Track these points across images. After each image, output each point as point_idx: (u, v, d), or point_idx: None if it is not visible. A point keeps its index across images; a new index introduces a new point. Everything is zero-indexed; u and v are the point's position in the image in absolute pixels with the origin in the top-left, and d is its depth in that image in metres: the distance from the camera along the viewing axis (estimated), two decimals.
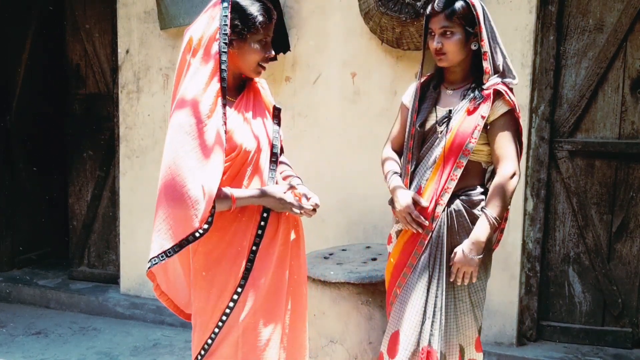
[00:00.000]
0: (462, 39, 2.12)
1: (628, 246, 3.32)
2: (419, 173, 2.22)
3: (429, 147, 2.21)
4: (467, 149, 2.10)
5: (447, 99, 2.22)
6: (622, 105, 3.25)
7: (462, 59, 2.16)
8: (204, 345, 1.97)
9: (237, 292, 1.93)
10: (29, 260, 4.95)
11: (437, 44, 2.13)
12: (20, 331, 3.92)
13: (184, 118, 1.82)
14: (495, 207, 2.10)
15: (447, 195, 2.13)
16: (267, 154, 2.00)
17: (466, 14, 2.10)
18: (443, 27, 2.11)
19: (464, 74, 2.21)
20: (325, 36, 3.61)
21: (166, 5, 3.74)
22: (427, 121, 2.21)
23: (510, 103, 2.11)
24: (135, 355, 3.58)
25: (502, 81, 2.14)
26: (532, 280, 3.40)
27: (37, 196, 4.98)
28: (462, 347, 2.21)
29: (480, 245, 2.10)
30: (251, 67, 1.95)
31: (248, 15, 1.89)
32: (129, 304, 4.16)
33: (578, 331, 3.40)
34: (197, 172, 1.80)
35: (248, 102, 1.99)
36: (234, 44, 1.90)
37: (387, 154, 2.38)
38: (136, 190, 4.16)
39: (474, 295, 2.21)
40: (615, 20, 3.19)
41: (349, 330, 2.75)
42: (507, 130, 2.13)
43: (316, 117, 3.66)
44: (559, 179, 3.37)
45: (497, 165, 2.14)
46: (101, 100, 4.41)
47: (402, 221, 2.22)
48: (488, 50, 2.12)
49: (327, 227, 3.66)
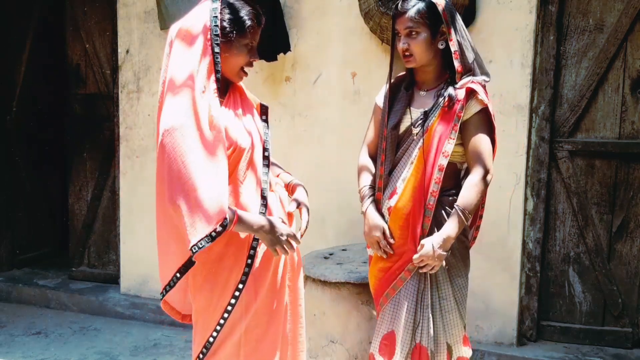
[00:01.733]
0: (429, 39, 2.11)
1: (628, 246, 3.32)
2: (395, 175, 2.21)
3: (405, 149, 2.20)
4: (445, 150, 2.09)
5: (421, 100, 2.21)
6: (622, 105, 3.25)
7: (430, 59, 2.15)
8: (205, 344, 1.97)
9: (239, 289, 1.93)
10: (29, 260, 4.95)
11: (403, 44, 2.12)
12: (21, 331, 3.92)
13: (185, 119, 1.77)
14: (466, 204, 2.09)
15: (434, 199, 2.11)
16: (259, 151, 1.99)
17: (431, 13, 2.09)
18: (408, 27, 2.10)
19: (436, 74, 2.20)
20: (325, 36, 3.61)
21: (166, 5, 3.74)
22: (401, 123, 2.20)
23: (483, 102, 2.10)
24: (135, 355, 3.58)
25: (474, 80, 2.12)
26: (532, 280, 3.40)
27: (37, 196, 4.98)
28: (449, 345, 2.21)
29: (450, 240, 2.09)
30: (234, 70, 1.92)
31: (238, 19, 1.86)
32: (129, 304, 4.16)
33: (578, 331, 3.40)
34: (209, 177, 1.76)
35: (236, 100, 1.98)
36: (220, 46, 1.86)
37: (363, 161, 2.36)
38: (136, 190, 4.16)
39: (458, 293, 2.22)
40: (615, 20, 3.19)
41: (349, 330, 2.75)
42: (481, 129, 2.13)
43: (316, 117, 3.66)
44: (559, 179, 3.37)
45: (471, 164, 2.14)
46: (101, 100, 4.41)
47: (370, 245, 2.25)
48: (458, 49, 2.11)
49: (327, 227, 3.66)
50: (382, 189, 2.24)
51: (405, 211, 2.15)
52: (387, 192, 2.22)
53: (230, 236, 1.90)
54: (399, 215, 2.17)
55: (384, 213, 2.23)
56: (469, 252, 2.30)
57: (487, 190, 2.18)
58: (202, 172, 1.74)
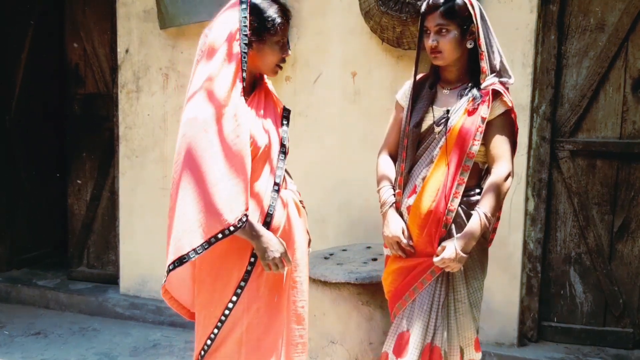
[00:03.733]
0: (458, 37, 2.11)
1: (629, 246, 3.31)
2: (415, 173, 2.20)
3: (426, 147, 2.19)
4: (471, 151, 2.08)
5: (444, 98, 2.21)
6: (624, 105, 3.24)
7: (457, 58, 2.15)
8: (206, 340, 1.99)
9: (241, 286, 1.95)
10: (29, 260, 4.94)
11: (433, 41, 2.12)
12: (20, 331, 3.91)
13: (210, 118, 1.83)
14: (488, 207, 2.09)
15: (457, 200, 2.10)
16: (276, 150, 2.04)
17: (462, 12, 2.09)
18: (439, 24, 2.10)
19: (460, 73, 2.20)
20: (325, 36, 3.60)
21: (166, 4, 3.73)
22: (423, 121, 2.19)
23: (507, 103, 2.10)
24: (134, 355, 3.57)
25: (499, 81, 2.12)
26: (533, 280, 3.39)
27: (36, 196, 4.97)
28: (461, 348, 2.20)
29: (472, 243, 2.08)
30: (270, 67, 2.00)
31: (267, 17, 1.92)
32: (129, 304, 4.15)
33: (579, 332, 3.39)
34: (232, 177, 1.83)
35: (260, 101, 2.03)
36: (252, 45, 1.93)
37: (382, 160, 2.35)
38: (136, 190, 4.15)
39: (472, 296, 2.21)
40: (616, 19, 3.18)
41: (349, 331, 2.74)
42: (504, 130, 2.13)
43: (316, 117, 3.65)
44: (560, 179, 3.36)
45: (493, 165, 2.13)
46: (101, 100, 4.40)
47: (388, 246, 2.24)
48: (485, 50, 2.11)
49: (327, 227, 3.65)
50: (402, 186, 2.23)
51: (424, 210, 2.13)
52: (407, 190, 2.21)
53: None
54: (417, 214, 2.15)
55: (403, 211, 2.22)
56: (487, 255, 2.28)
57: (508, 191, 2.16)
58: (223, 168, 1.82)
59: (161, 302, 4.09)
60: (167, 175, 4.06)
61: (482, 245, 2.22)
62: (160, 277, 4.25)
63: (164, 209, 4.10)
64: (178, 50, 3.94)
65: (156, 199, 4.08)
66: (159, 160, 4.08)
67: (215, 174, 1.81)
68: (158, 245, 4.11)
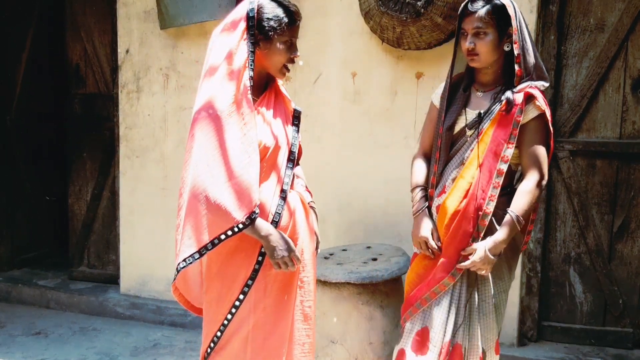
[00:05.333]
0: (496, 40, 2.09)
1: (629, 246, 3.31)
2: (446, 174, 2.21)
3: (458, 149, 2.19)
4: (505, 155, 2.07)
5: (477, 101, 2.19)
6: (623, 105, 3.24)
7: (494, 60, 2.13)
8: (213, 337, 2.00)
9: (248, 285, 1.96)
10: (29, 260, 4.94)
11: (470, 44, 2.10)
12: (20, 331, 3.91)
13: (216, 120, 1.84)
14: (521, 209, 2.08)
15: (493, 203, 2.08)
16: (285, 153, 2.04)
17: (500, 14, 2.07)
18: (476, 27, 2.08)
19: (496, 76, 2.18)
20: (325, 36, 3.60)
21: (166, 4, 3.73)
22: (456, 123, 2.19)
23: (540, 108, 2.08)
24: (135, 355, 3.57)
25: (534, 84, 2.10)
26: (533, 280, 3.39)
27: (37, 196, 4.97)
28: (484, 349, 2.19)
29: (501, 246, 2.08)
30: (277, 67, 2.00)
31: (274, 17, 1.93)
32: (129, 304, 4.16)
33: (579, 331, 3.39)
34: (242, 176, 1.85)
35: (269, 102, 2.04)
36: (260, 44, 1.94)
37: (417, 160, 2.35)
38: (136, 190, 4.16)
39: (497, 297, 2.19)
40: (616, 19, 3.19)
41: (349, 331, 2.75)
42: (537, 134, 2.11)
43: (316, 117, 3.66)
44: (559, 179, 3.36)
45: (526, 169, 2.13)
46: (101, 100, 4.40)
47: (415, 245, 2.24)
48: (521, 52, 2.08)
49: (327, 227, 3.65)
50: (434, 185, 2.23)
51: (451, 210, 2.13)
52: (438, 190, 2.22)
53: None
54: (445, 214, 2.15)
55: (433, 211, 2.23)
56: (518, 258, 2.27)
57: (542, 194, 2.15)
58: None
59: (161, 302, 4.09)
60: (167, 175, 4.06)
61: (512, 247, 2.21)
62: (160, 277, 4.28)
63: (165, 208, 4.14)
64: (178, 51, 3.94)
65: (156, 199, 4.09)
66: (159, 160, 4.08)
67: (224, 173, 1.83)
68: (158, 245, 4.12)
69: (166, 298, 4.11)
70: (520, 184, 2.14)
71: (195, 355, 3.55)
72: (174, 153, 4.03)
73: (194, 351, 3.61)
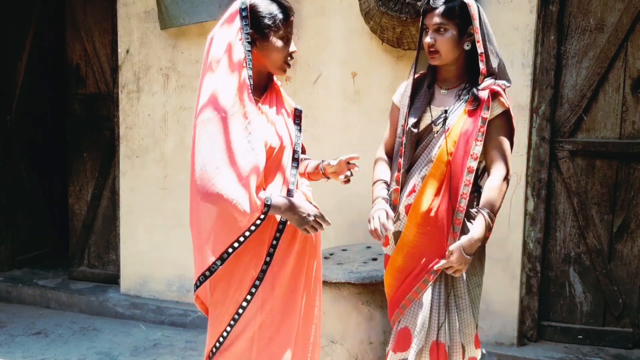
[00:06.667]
0: (456, 37, 2.13)
1: (629, 246, 3.31)
2: (414, 172, 2.21)
3: (424, 147, 2.20)
4: (474, 152, 2.09)
5: (442, 98, 2.22)
6: (623, 105, 3.25)
7: (454, 58, 2.17)
8: (218, 338, 1.99)
9: (255, 286, 1.96)
10: (29, 260, 4.95)
11: (431, 39, 2.14)
12: (21, 331, 3.91)
13: (220, 123, 1.82)
14: (491, 205, 2.10)
15: (465, 201, 2.11)
16: (289, 152, 2.04)
17: (461, 12, 2.11)
18: (437, 23, 2.12)
19: (458, 74, 2.21)
20: (325, 36, 3.60)
21: (166, 5, 3.74)
22: (421, 120, 2.21)
23: (504, 104, 2.12)
24: (135, 355, 3.58)
25: (497, 82, 2.13)
26: (532, 280, 3.39)
27: (37, 196, 4.98)
28: (463, 345, 2.21)
29: (477, 244, 2.09)
30: (277, 64, 1.99)
31: (269, 14, 1.93)
32: (129, 304, 4.16)
33: (579, 331, 3.39)
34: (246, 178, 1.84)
35: (271, 102, 2.04)
36: (257, 43, 1.94)
37: (379, 156, 2.38)
38: (136, 190, 4.16)
39: (472, 292, 2.22)
40: (616, 20, 3.19)
41: (349, 330, 2.75)
42: (502, 131, 2.14)
43: (316, 117, 3.66)
44: (559, 179, 3.36)
45: (492, 164, 2.15)
46: (101, 100, 4.41)
47: (371, 222, 2.18)
48: (484, 52, 2.12)
49: (327, 227, 3.65)
50: (399, 183, 2.24)
51: (424, 209, 2.14)
52: (406, 189, 2.22)
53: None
54: (417, 212, 2.16)
55: (401, 210, 2.23)
56: (485, 251, 2.29)
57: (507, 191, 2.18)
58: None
59: (161, 302, 4.10)
60: (167, 175, 4.07)
61: (481, 243, 2.23)
62: (160, 277, 4.28)
63: (165, 208, 4.14)
64: (178, 51, 3.94)
65: (157, 199, 4.09)
66: (159, 160, 4.08)
67: (234, 174, 1.81)
68: (158, 245, 4.12)
69: (166, 298, 4.11)
70: (487, 180, 2.15)
71: (196, 355, 3.55)
72: (174, 153, 4.03)
73: (194, 351, 3.61)
